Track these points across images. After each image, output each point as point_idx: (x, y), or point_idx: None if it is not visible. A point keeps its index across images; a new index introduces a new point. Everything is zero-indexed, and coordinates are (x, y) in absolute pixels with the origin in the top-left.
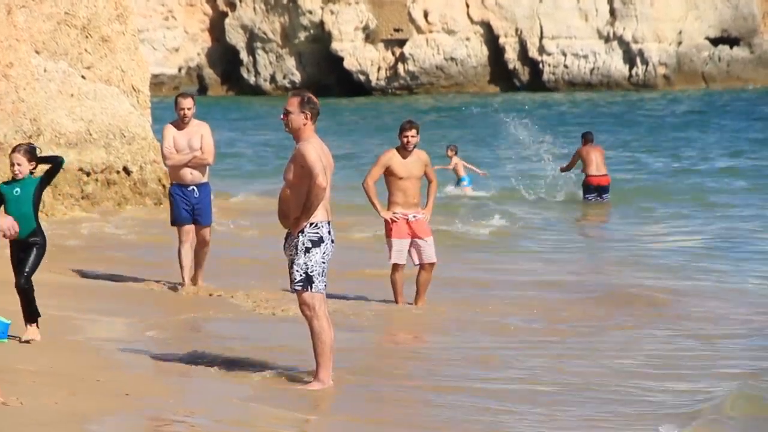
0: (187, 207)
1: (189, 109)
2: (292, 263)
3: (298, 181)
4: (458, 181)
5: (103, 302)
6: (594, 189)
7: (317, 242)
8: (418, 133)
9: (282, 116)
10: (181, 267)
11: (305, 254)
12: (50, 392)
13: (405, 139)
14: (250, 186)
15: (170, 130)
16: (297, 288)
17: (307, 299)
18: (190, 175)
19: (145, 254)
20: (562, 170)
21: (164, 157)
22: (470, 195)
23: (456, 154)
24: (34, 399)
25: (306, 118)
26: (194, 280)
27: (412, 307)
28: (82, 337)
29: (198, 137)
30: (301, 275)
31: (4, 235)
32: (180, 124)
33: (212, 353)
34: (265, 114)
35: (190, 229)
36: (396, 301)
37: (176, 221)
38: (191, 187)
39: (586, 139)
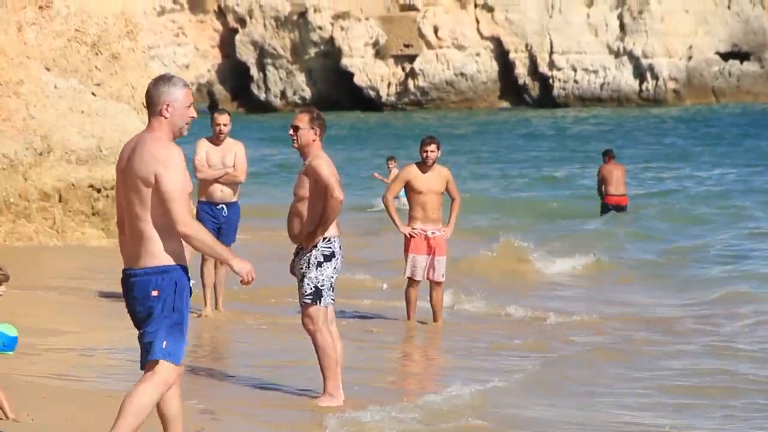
0: (215, 226)
1: (225, 125)
2: (302, 277)
3: (312, 197)
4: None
5: (114, 319)
6: (612, 209)
7: (329, 257)
8: (438, 149)
9: (291, 132)
10: (203, 286)
11: (317, 268)
12: (60, 408)
13: (425, 154)
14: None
15: (204, 145)
16: (306, 301)
17: (312, 313)
18: (219, 192)
19: None
20: (599, 193)
21: (195, 170)
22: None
23: (396, 165)
24: (45, 415)
25: (315, 134)
26: (215, 306)
27: (425, 325)
28: (93, 352)
29: (232, 155)
30: (311, 289)
31: (244, 282)
32: (215, 140)
33: (224, 371)
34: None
35: None
36: (408, 317)
37: None
38: (220, 206)
39: (609, 156)
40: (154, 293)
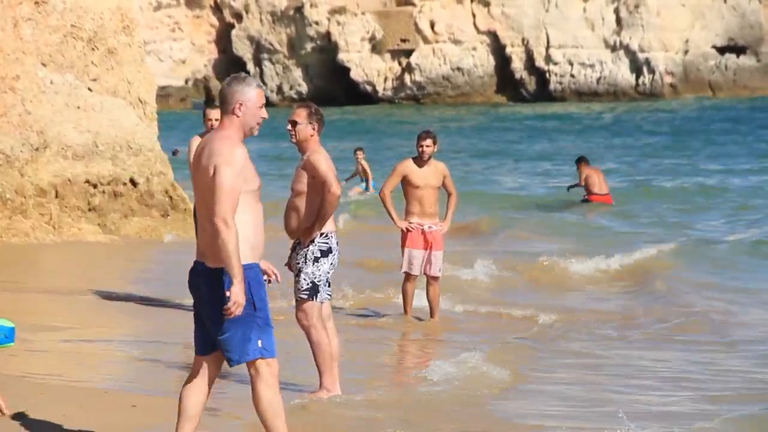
0: None
1: (217, 120)
2: (299, 272)
3: (310, 192)
4: (364, 182)
5: (112, 315)
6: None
7: (326, 252)
8: (434, 143)
9: (289, 127)
10: None
11: (314, 263)
12: (59, 406)
13: (421, 149)
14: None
15: (196, 142)
16: (302, 296)
17: (307, 308)
18: None
19: (160, 274)
20: (572, 186)
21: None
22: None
23: (364, 156)
24: (43, 413)
25: (313, 129)
26: None
27: (424, 321)
28: (90, 349)
29: None
30: (307, 284)
31: (227, 309)
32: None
33: (223, 368)
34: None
35: None
36: (405, 312)
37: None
38: None
39: (585, 161)
40: (228, 293)
